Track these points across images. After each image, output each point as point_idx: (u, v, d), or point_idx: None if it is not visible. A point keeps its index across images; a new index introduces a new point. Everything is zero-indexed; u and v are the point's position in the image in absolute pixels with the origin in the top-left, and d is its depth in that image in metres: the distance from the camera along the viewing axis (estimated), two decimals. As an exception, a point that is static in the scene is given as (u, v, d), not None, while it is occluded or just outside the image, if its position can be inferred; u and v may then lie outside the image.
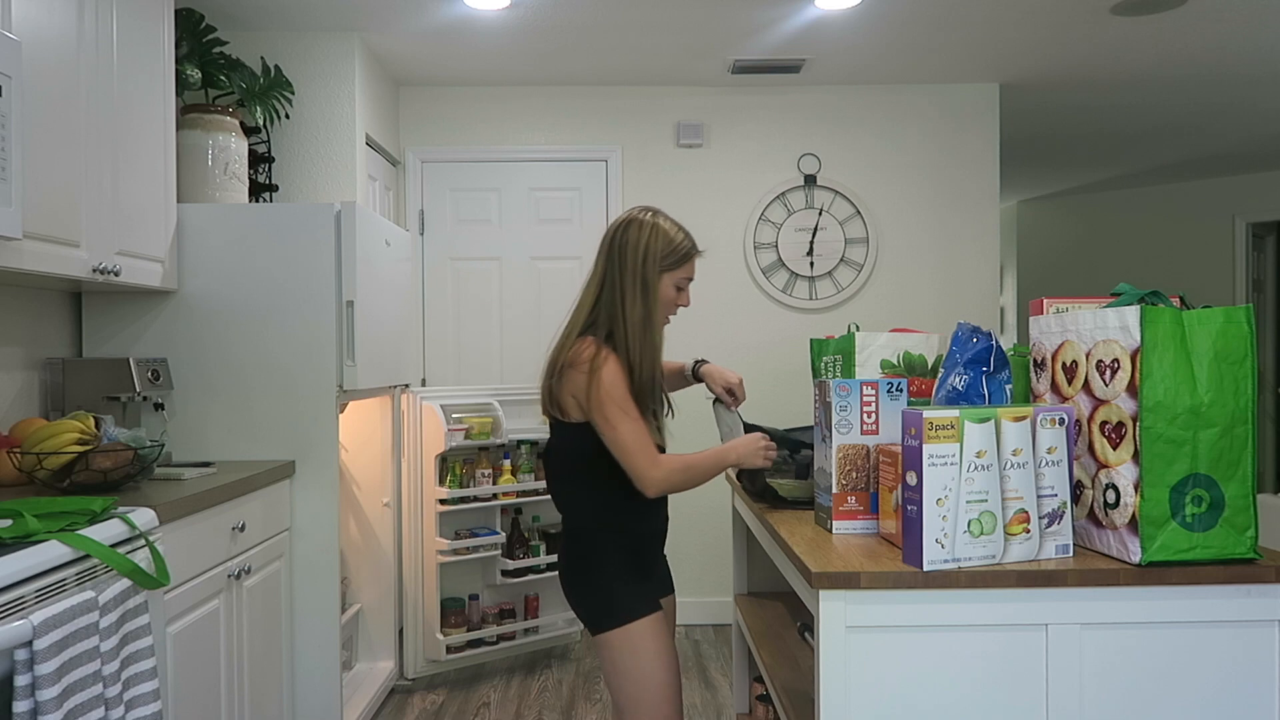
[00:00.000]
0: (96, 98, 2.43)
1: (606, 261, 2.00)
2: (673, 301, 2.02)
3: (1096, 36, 3.90)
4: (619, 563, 1.99)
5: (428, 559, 3.76)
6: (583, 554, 2.00)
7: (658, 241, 1.97)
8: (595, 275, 2.02)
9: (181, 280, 2.91)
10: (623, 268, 1.97)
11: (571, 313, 2.03)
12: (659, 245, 1.97)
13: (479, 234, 4.56)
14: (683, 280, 2.02)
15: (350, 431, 3.57)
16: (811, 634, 2.16)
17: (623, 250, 1.97)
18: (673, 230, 1.99)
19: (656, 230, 1.98)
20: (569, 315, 2.03)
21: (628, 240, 1.98)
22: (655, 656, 1.95)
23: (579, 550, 2.01)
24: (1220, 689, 1.55)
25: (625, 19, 3.69)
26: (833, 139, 4.61)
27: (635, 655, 1.94)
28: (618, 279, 1.97)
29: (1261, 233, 6.97)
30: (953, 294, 4.64)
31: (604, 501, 1.99)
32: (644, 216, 2.00)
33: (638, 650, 1.94)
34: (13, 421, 2.60)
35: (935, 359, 2.31)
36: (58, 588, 1.64)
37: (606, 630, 1.96)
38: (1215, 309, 1.53)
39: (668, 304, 2.01)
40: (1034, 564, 1.57)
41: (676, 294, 2.02)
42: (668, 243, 1.98)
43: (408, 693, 3.69)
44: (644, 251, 1.96)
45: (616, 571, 1.98)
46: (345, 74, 3.76)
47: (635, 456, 1.90)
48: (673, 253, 1.98)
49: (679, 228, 2.01)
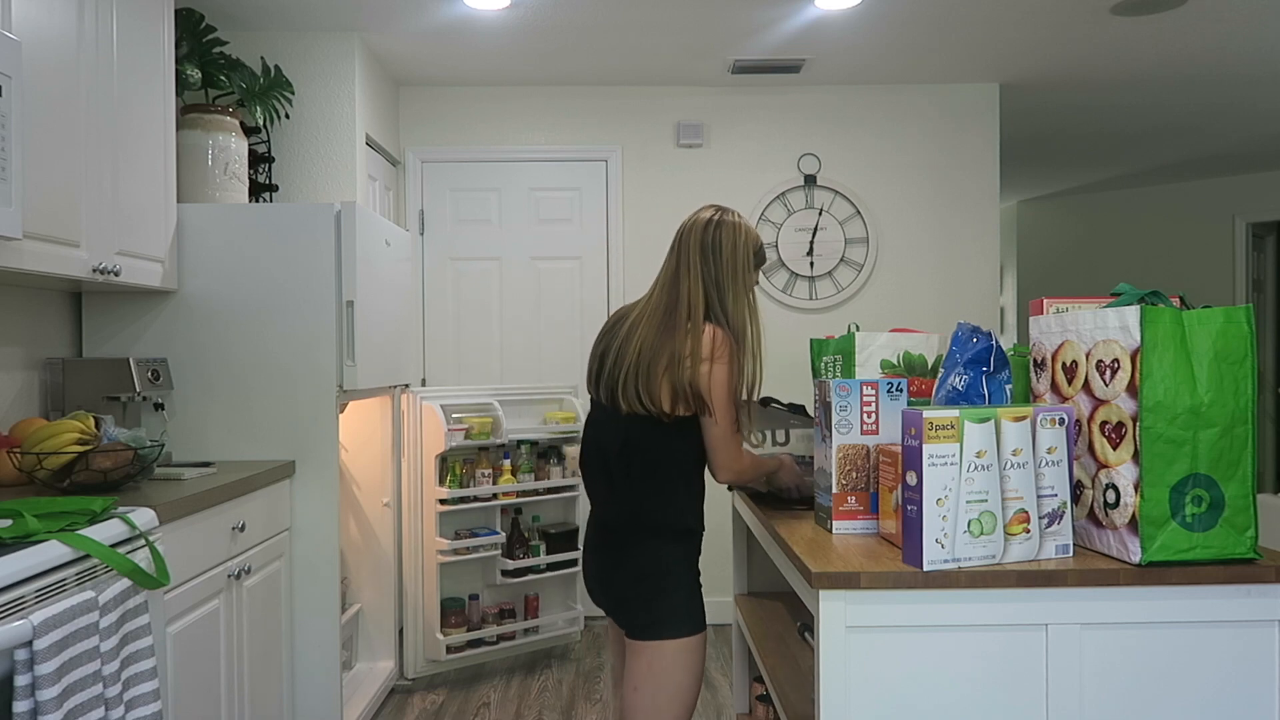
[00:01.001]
0: (96, 98, 2.43)
1: (701, 260, 1.96)
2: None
3: (1096, 36, 3.90)
4: (690, 569, 1.99)
5: (428, 559, 3.76)
6: (656, 557, 1.96)
7: (749, 238, 1.99)
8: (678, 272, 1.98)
9: (181, 280, 2.91)
10: (719, 265, 1.95)
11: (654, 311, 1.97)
12: (752, 242, 2.00)
13: (479, 234, 4.56)
14: (754, 285, 2.04)
15: (350, 431, 3.57)
16: (811, 634, 2.16)
17: (718, 248, 1.96)
18: (754, 230, 2.03)
19: (745, 227, 2.00)
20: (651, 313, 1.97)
21: (722, 239, 1.97)
22: (696, 676, 1.96)
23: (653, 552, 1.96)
24: (1220, 689, 1.55)
25: (625, 19, 3.69)
26: (833, 139, 4.61)
27: (682, 669, 1.94)
28: (718, 276, 1.95)
29: (1261, 233, 6.97)
30: (953, 294, 4.64)
31: (689, 503, 1.99)
32: (731, 217, 2.00)
33: (686, 665, 1.94)
34: (13, 421, 2.60)
35: (935, 359, 2.31)
36: (58, 588, 1.64)
37: (666, 638, 1.94)
38: (1215, 309, 1.53)
39: None
40: (1034, 564, 1.57)
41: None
42: (756, 240, 2.01)
43: (408, 693, 3.69)
44: (744, 249, 1.97)
45: (690, 579, 1.98)
46: (345, 74, 3.76)
47: (731, 444, 1.94)
48: (759, 251, 2.02)
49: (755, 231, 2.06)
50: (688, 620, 1.94)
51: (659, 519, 1.96)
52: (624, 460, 1.97)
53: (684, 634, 1.94)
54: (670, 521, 1.96)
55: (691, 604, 1.96)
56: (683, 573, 1.97)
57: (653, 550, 1.96)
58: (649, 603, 1.94)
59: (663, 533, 1.96)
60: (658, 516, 1.96)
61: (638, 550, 1.97)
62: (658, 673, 1.93)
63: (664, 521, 1.96)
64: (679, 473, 1.96)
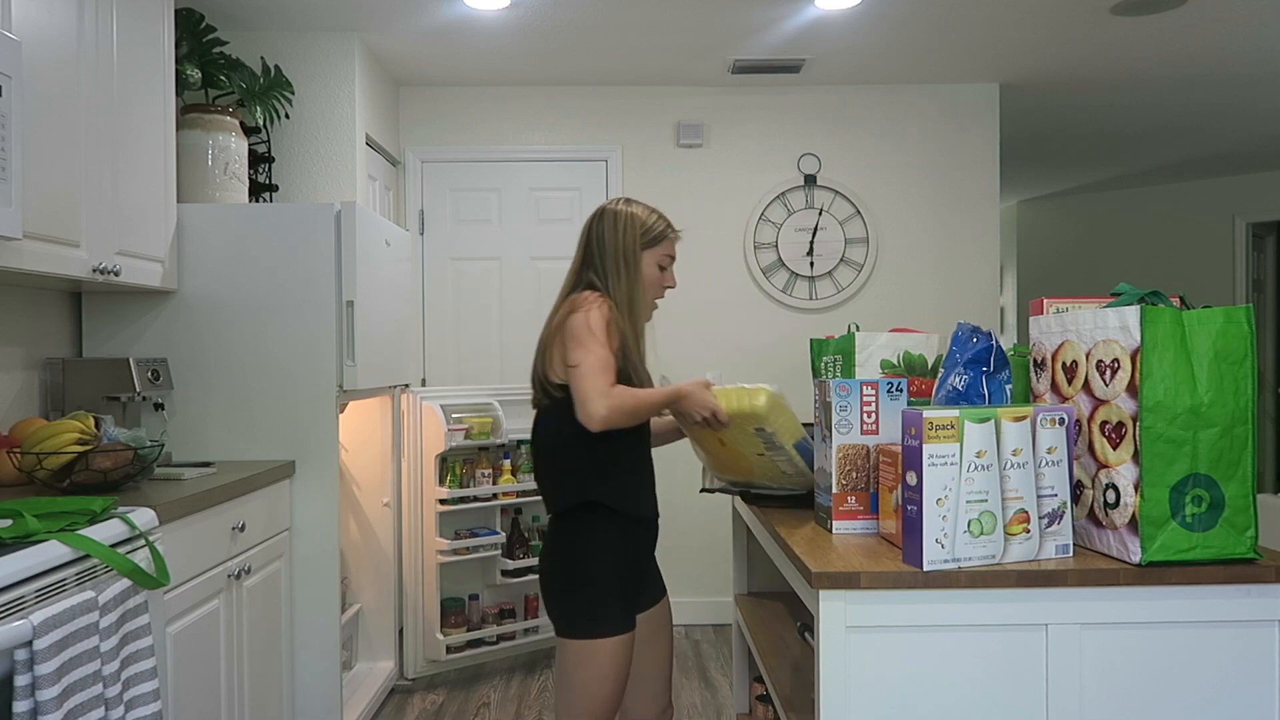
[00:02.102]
0: (96, 98, 2.43)
1: (585, 250, 2.06)
2: (658, 282, 2.07)
3: (1096, 36, 3.90)
4: (609, 564, 1.94)
5: (428, 559, 3.76)
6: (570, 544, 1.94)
7: (634, 223, 2.04)
8: (575, 265, 2.08)
9: (181, 280, 2.91)
10: (603, 251, 2.03)
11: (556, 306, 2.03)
12: (635, 226, 2.04)
13: (479, 234, 4.56)
14: (664, 259, 2.07)
15: (350, 431, 3.57)
16: (811, 634, 2.16)
17: (601, 236, 2.04)
18: (645, 213, 2.07)
19: (631, 214, 2.05)
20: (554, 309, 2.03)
21: (604, 226, 2.04)
22: (607, 680, 1.91)
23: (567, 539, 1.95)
24: (1220, 689, 1.55)
25: (625, 19, 3.69)
26: (833, 139, 4.61)
27: (588, 670, 1.90)
28: (599, 262, 2.03)
29: (1261, 233, 6.97)
30: (953, 294, 4.64)
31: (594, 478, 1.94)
32: (617, 205, 2.07)
33: (592, 667, 1.90)
34: (13, 421, 2.60)
35: (935, 359, 2.31)
36: (58, 588, 1.64)
37: (565, 636, 1.93)
38: (1215, 309, 1.53)
39: (653, 284, 2.06)
40: (1034, 564, 1.57)
41: (660, 274, 2.07)
42: (642, 222, 2.05)
43: (408, 693, 3.69)
44: (622, 229, 2.03)
45: (605, 575, 1.93)
46: (345, 74, 3.76)
47: (588, 380, 1.84)
48: (648, 230, 2.05)
49: (652, 210, 2.09)
50: (591, 621, 1.91)
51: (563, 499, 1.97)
52: (534, 448, 2.03)
53: (591, 636, 1.90)
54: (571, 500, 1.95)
55: (597, 605, 1.91)
56: (603, 567, 1.93)
57: (566, 542, 1.96)
58: (554, 597, 1.96)
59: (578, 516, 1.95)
60: (560, 496, 1.97)
61: (556, 540, 1.98)
62: (565, 669, 1.94)
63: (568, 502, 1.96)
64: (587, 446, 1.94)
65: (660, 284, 2.08)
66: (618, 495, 1.96)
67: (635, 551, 2.00)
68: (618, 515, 1.96)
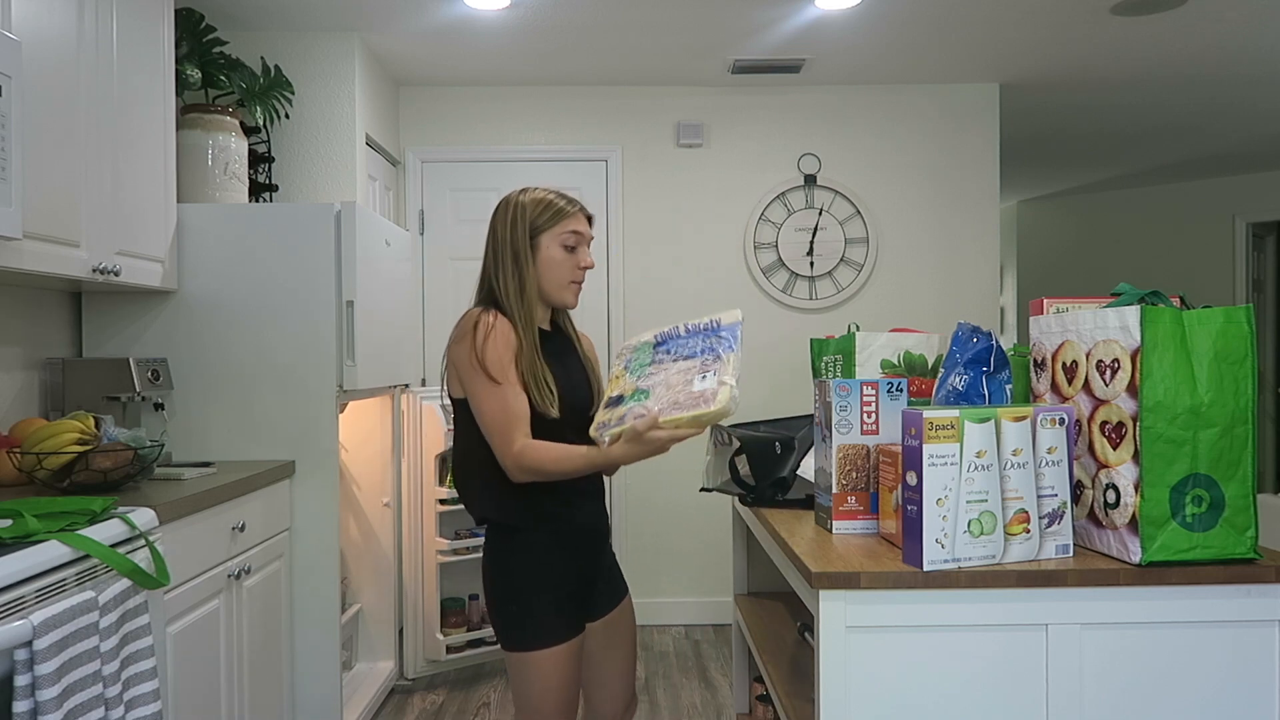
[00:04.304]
0: (96, 98, 2.43)
1: (487, 243, 1.96)
2: (565, 263, 1.93)
3: (1096, 36, 3.90)
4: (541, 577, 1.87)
5: (428, 559, 3.76)
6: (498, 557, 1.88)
7: (522, 211, 1.92)
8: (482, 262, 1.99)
9: (181, 280, 2.91)
10: (496, 247, 1.93)
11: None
12: (526, 211, 1.92)
13: (479, 234, 4.55)
14: (569, 237, 1.92)
15: (350, 431, 3.57)
16: (811, 634, 2.16)
17: (494, 228, 1.95)
18: (542, 194, 1.94)
19: (520, 202, 1.93)
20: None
21: (496, 217, 1.95)
22: (549, 691, 1.87)
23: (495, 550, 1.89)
24: (1220, 689, 1.55)
25: (625, 19, 3.69)
26: (833, 139, 4.61)
27: (530, 683, 1.87)
28: (491, 258, 1.94)
29: (1261, 233, 6.97)
30: (953, 294, 4.64)
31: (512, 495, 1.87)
32: (511, 195, 1.96)
33: (534, 680, 1.87)
34: (13, 421, 2.60)
35: (935, 359, 2.31)
36: (58, 588, 1.64)
37: (509, 649, 1.89)
38: (1215, 309, 1.53)
39: (559, 266, 1.92)
40: (1034, 564, 1.57)
41: (567, 254, 1.93)
42: (535, 204, 1.92)
43: (408, 693, 3.69)
44: (510, 220, 1.92)
45: (536, 587, 1.87)
46: (345, 74, 3.76)
47: (494, 436, 1.79)
48: (543, 211, 1.92)
49: (552, 191, 1.96)
50: (523, 633, 1.86)
51: (480, 511, 1.93)
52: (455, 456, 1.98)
53: (528, 648, 1.87)
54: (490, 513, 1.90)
55: (528, 618, 1.86)
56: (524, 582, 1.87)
57: (495, 554, 1.91)
58: (491, 608, 1.92)
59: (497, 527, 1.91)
60: (477, 509, 1.94)
61: (486, 551, 1.93)
62: (514, 683, 1.91)
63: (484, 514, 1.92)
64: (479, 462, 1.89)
65: (572, 265, 1.93)
66: (541, 509, 1.89)
67: (575, 561, 1.92)
68: (545, 527, 1.89)
